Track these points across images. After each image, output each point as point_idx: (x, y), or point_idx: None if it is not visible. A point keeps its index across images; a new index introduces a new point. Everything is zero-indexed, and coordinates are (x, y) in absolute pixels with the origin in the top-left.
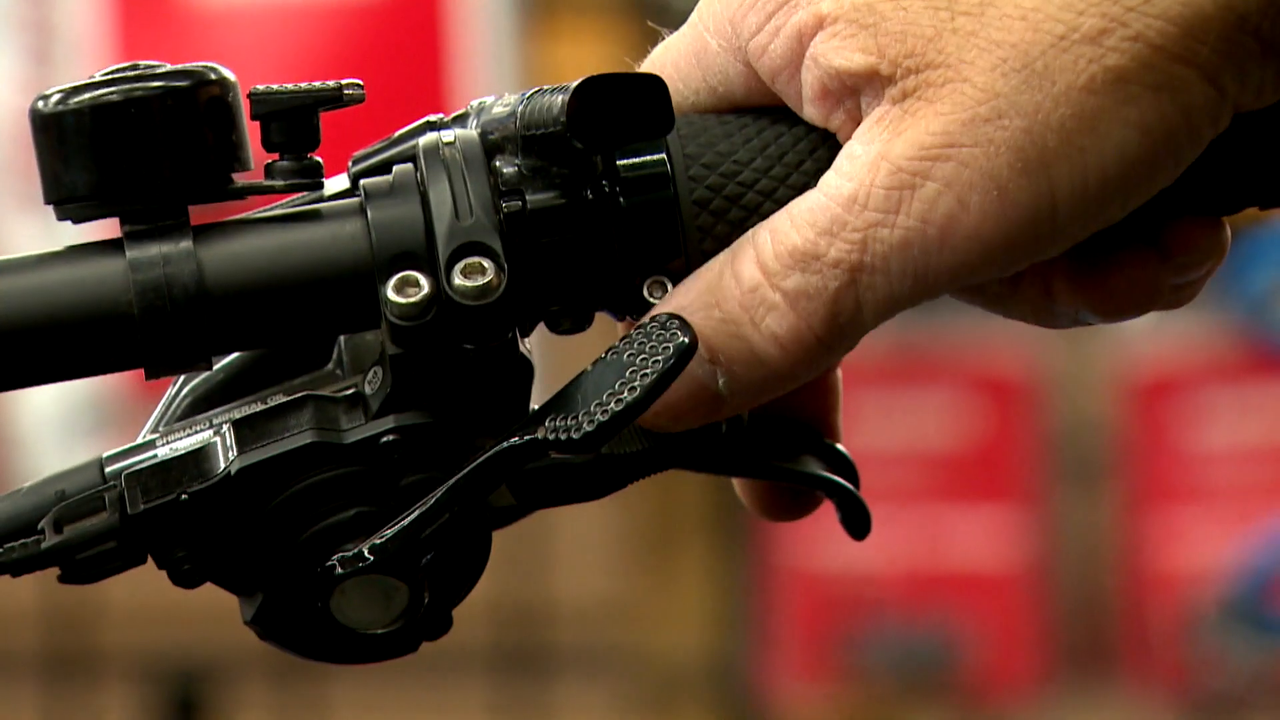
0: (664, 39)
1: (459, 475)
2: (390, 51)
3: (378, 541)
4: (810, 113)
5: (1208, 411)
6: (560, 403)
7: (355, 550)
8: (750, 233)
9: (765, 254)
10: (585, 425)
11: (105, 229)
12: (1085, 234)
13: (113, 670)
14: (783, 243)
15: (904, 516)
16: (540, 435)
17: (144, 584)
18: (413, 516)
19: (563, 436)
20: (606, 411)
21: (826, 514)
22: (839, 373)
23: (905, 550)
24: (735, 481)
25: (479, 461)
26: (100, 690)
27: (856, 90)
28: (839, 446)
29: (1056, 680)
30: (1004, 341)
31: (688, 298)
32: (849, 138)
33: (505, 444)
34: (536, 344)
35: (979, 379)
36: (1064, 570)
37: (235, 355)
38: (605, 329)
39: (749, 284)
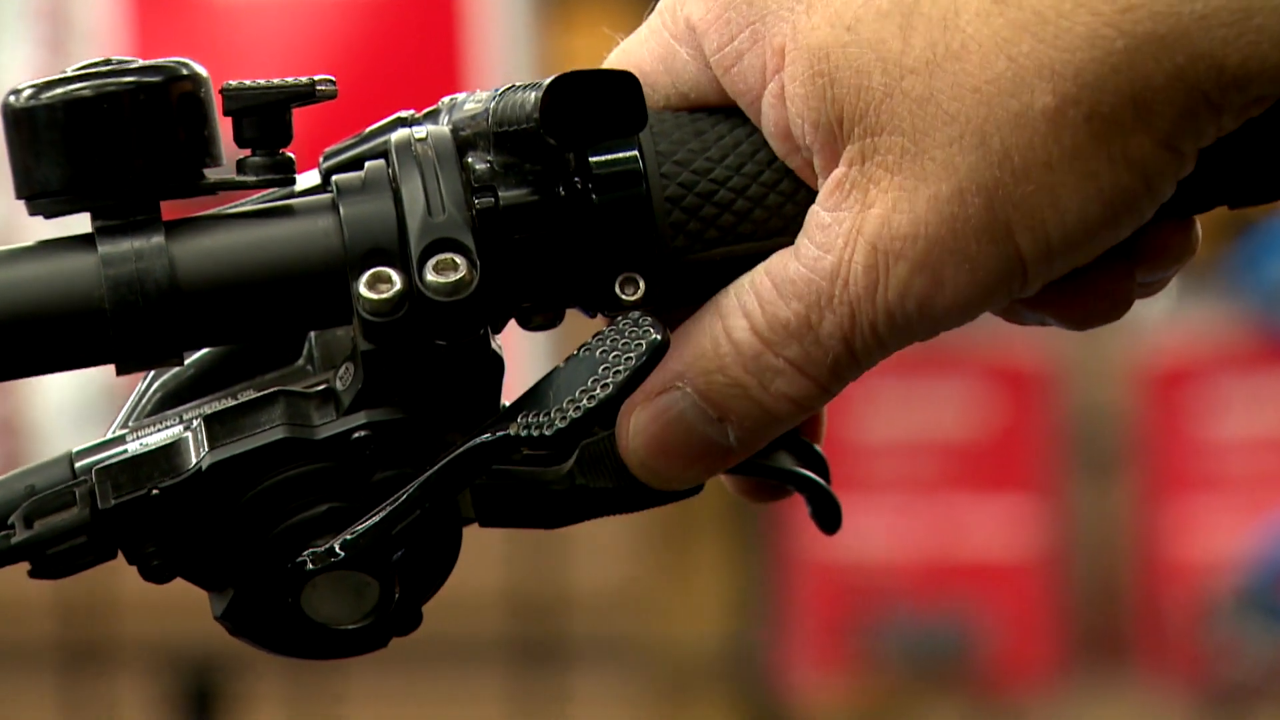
0: (619, 42)
1: (430, 471)
2: (406, 43)
3: (349, 537)
4: (770, 142)
5: (1223, 401)
6: (532, 400)
7: (327, 546)
8: (733, 293)
9: (759, 323)
10: (558, 422)
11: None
12: (1056, 278)
13: (129, 661)
14: (774, 314)
15: (919, 506)
16: (512, 432)
17: None
18: (384, 513)
19: (535, 433)
20: (579, 408)
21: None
22: None
23: (920, 540)
24: None
25: (451, 458)
26: (116, 681)
27: (811, 145)
28: (810, 442)
29: (1071, 669)
30: (1019, 332)
31: (684, 363)
32: (808, 179)
33: (477, 440)
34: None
35: (994, 369)
36: (1079, 560)
37: (205, 351)
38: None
39: (750, 352)
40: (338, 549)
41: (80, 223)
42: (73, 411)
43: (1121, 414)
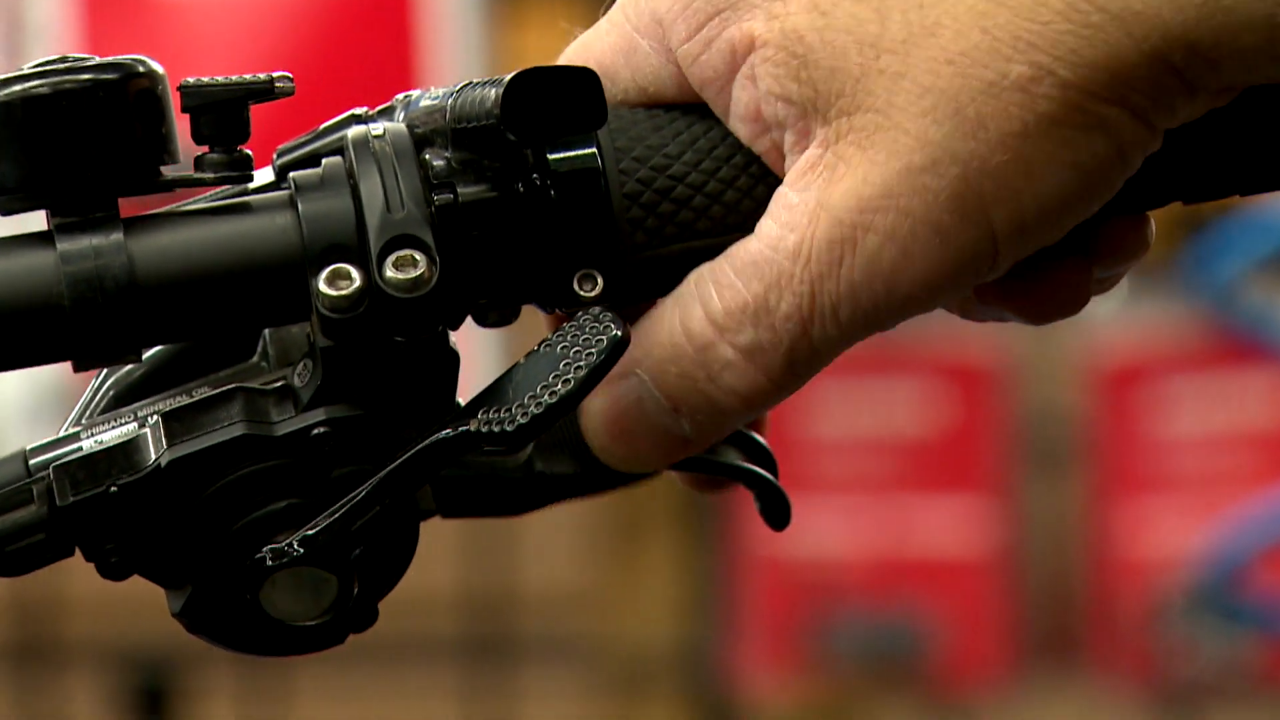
0: (576, 36)
1: (389, 467)
2: (357, 42)
3: (308, 533)
4: (737, 128)
5: (1175, 400)
6: (492, 396)
7: (285, 542)
8: (693, 281)
9: (714, 309)
10: (518, 418)
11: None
12: (1025, 255)
13: (80, 659)
14: (731, 298)
15: (871, 504)
16: (472, 428)
17: None
18: (343, 509)
19: (495, 429)
20: (540, 404)
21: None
22: None
23: (872, 538)
24: None
25: (410, 454)
26: (68, 679)
27: (784, 124)
28: (757, 437)
29: (1023, 668)
30: (971, 330)
31: (641, 351)
32: (774, 164)
33: (437, 436)
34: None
35: (946, 367)
36: (1031, 558)
37: (158, 348)
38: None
39: (701, 341)
40: (297, 545)
41: (38, 220)
42: (24, 411)
43: (1073, 413)
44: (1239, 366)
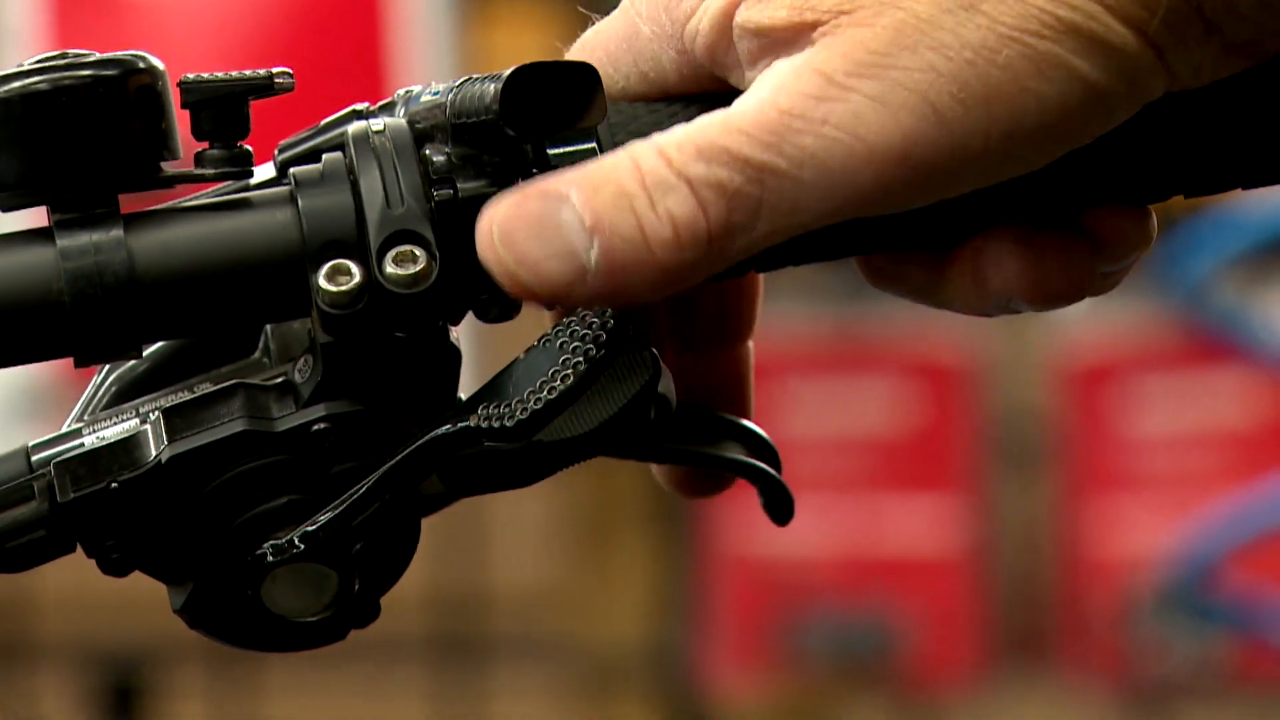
0: (594, 24)
1: (391, 463)
2: (328, 40)
3: (309, 529)
4: (751, 77)
5: (1145, 398)
6: (493, 390)
7: (287, 538)
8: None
9: (668, 143)
10: (518, 413)
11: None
12: (1005, 177)
13: (51, 658)
14: (689, 136)
15: (842, 503)
16: (473, 423)
17: (80, 572)
18: (344, 505)
19: (495, 424)
20: (539, 400)
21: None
22: (750, 348)
23: (843, 537)
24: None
25: (411, 449)
26: (39, 677)
27: (789, 44)
28: (759, 431)
29: (994, 667)
30: (941, 328)
31: (570, 175)
32: None
33: (438, 432)
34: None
35: (916, 366)
36: (1002, 557)
37: (160, 344)
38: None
39: (649, 165)
40: (298, 541)
41: (38, 216)
42: (11, 409)
43: (1044, 412)
44: (1210, 365)
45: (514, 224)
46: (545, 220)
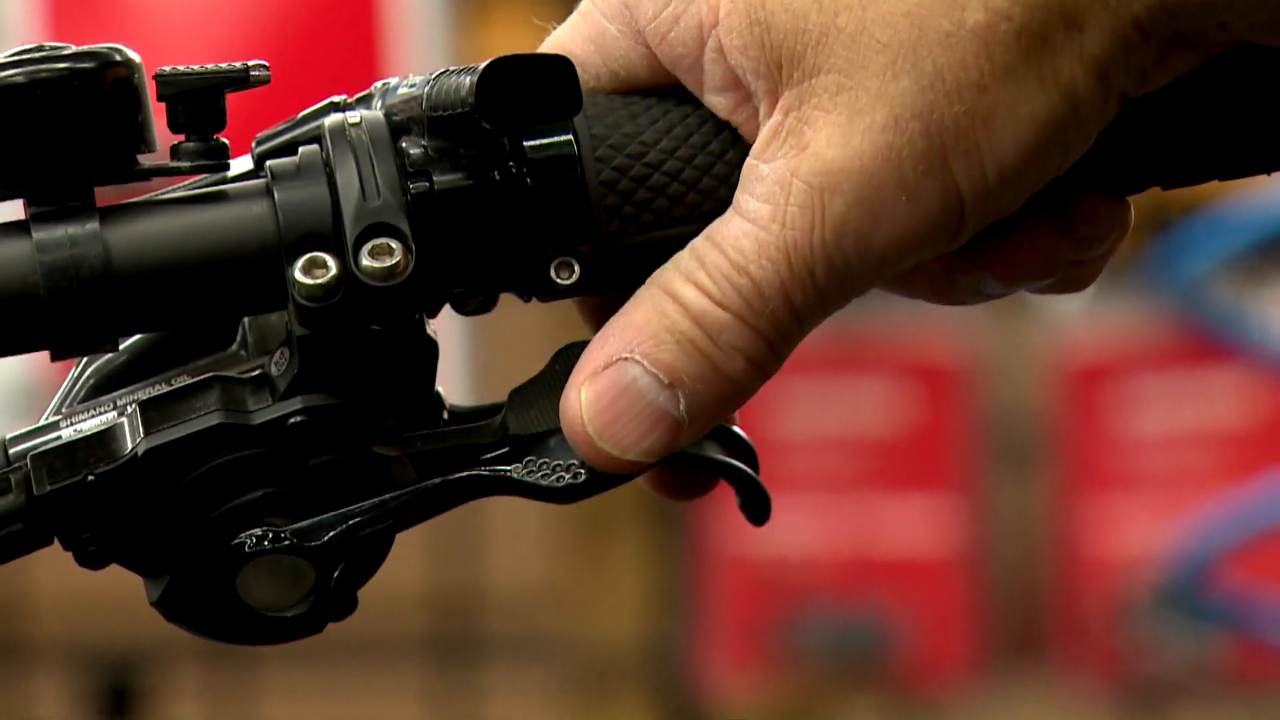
0: (550, 31)
1: (414, 489)
2: (324, 39)
3: (306, 527)
4: (712, 102)
5: (1141, 398)
6: (536, 445)
7: (264, 530)
8: (673, 262)
9: (702, 279)
10: (568, 478)
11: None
12: (988, 223)
13: (47, 659)
14: (717, 269)
15: (838, 503)
16: (515, 475)
17: (77, 573)
18: (355, 519)
19: (542, 483)
20: (594, 470)
21: None
22: None
23: (840, 536)
24: None
25: (442, 481)
26: (34, 678)
27: (756, 94)
28: (738, 431)
29: (990, 666)
30: (937, 328)
31: (631, 333)
32: (750, 135)
33: (475, 473)
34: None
35: (912, 366)
36: (998, 556)
37: (138, 337)
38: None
39: (698, 308)
40: (289, 536)
41: (13, 209)
42: (4, 406)
43: (1040, 411)
44: (1206, 365)
45: (603, 418)
46: (629, 396)
